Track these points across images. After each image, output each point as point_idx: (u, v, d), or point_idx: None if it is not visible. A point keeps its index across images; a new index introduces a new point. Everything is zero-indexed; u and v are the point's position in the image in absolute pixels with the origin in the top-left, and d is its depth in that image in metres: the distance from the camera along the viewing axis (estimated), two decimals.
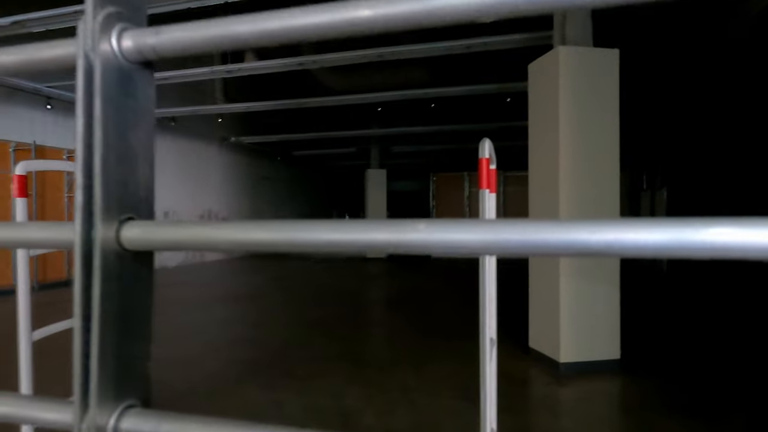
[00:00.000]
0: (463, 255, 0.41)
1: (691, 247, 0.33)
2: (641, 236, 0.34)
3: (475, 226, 0.38)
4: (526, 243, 0.37)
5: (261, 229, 0.44)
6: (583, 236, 0.35)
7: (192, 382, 3.58)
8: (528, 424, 2.95)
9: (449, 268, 11.53)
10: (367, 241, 0.41)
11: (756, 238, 0.32)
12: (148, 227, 0.46)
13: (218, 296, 7.56)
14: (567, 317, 3.83)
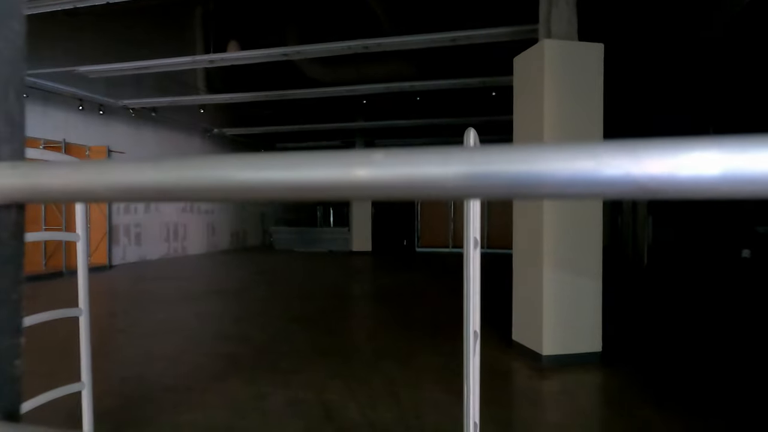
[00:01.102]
0: (434, 198, 0.30)
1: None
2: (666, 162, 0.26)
3: (450, 155, 0.29)
4: (518, 177, 0.28)
5: (159, 170, 0.33)
6: (590, 165, 0.27)
7: (174, 378, 3.52)
8: (510, 416, 2.96)
9: (435, 261, 11.56)
10: (297, 182, 0.31)
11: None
12: (15, 172, 0.35)
13: (201, 290, 7.46)
14: (549, 310, 3.85)
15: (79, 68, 7.65)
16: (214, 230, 14.00)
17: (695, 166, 0.26)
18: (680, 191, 0.27)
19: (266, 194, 0.32)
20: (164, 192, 0.33)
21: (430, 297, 6.91)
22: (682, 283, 8.33)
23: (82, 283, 2.02)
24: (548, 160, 0.27)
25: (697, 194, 0.26)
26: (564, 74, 3.87)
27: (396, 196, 0.31)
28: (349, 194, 0.31)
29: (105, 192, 0.34)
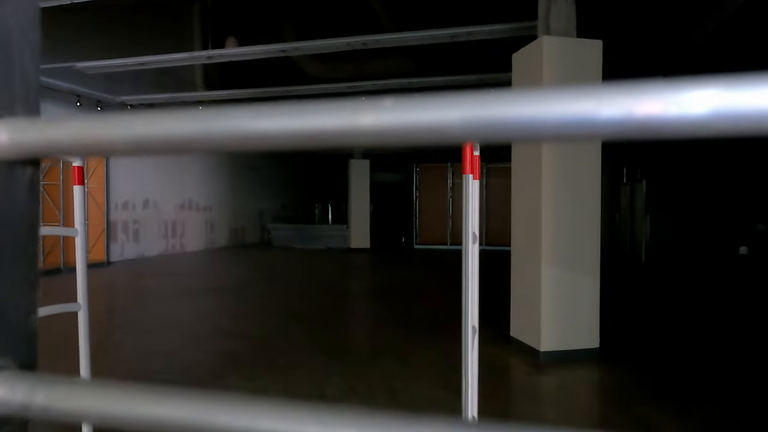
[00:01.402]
0: (439, 142, 0.30)
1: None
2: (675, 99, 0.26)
3: (455, 100, 0.29)
4: (521, 119, 0.28)
5: (173, 120, 0.33)
6: (591, 106, 0.27)
7: (172, 373, 3.53)
8: (508, 411, 2.97)
9: (433, 258, 11.58)
10: (307, 129, 0.31)
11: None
12: (30, 127, 0.35)
13: (199, 287, 7.46)
14: (548, 307, 3.86)
15: (77, 64, 7.63)
16: (213, 227, 13.99)
17: (693, 104, 0.26)
18: (678, 130, 0.27)
19: (279, 143, 0.33)
20: (178, 143, 0.34)
21: (428, 294, 6.92)
22: (679, 280, 8.35)
23: (80, 278, 2.02)
24: (550, 102, 0.28)
25: (694, 132, 0.26)
26: (563, 71, 3.87)
27: (402, 142, 0.31)
28: (362, 140, 0.32)
29: (121, 145, 0.34)
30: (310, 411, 0.32)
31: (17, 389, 0.34)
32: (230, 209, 14.82)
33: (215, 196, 14.10)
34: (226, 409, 0.32)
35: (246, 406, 0.32)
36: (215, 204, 14.09)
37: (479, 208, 1.62)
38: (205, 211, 13.65)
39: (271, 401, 0.33)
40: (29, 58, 0.38)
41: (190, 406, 0.32)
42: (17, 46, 0.37)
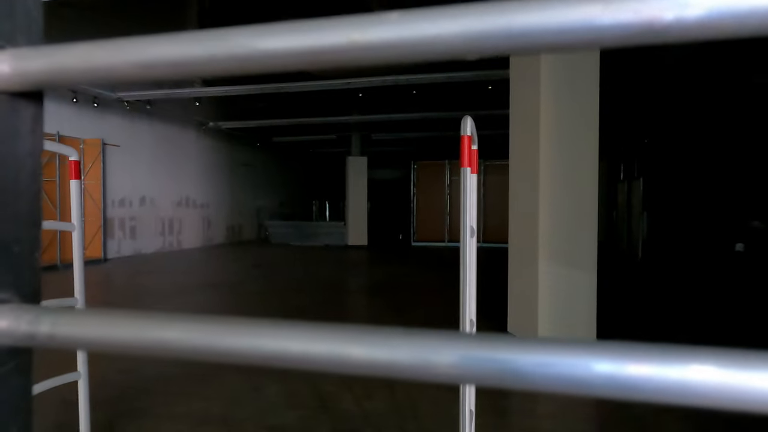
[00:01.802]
0: (441, 56, 0.30)
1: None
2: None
3: (457, 13, 0.29)
4: (525, 28, 0.27)
5: (182, 43, 0.33)
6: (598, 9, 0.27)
7: (169, 369, 3.53)
8: (505, 406, 2.98)
9: (430, 255, 11.59)
10: (320, 46, 0.31)
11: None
12: (32, 55, 0.34)
13: (196, 283, 7.46)
14: (544, 302, 3.88)
15: None
16: (210, 224, 13.97)
17: (690, 6, 0.26)
18: (679, 33, 0.27)
19: (283, 62, 0.33)
20: (183, 65, 0.33)
21: (425, 290, 6.93)
22: (675, 277, 8.39)
23: (77, 273, 2.01)
24: (554, 9, 0.27)
25: (694, 36, 0.27)
26: (561, 70, 3.87)
27: (406, 57, 0.30)
28: (371, 56, 0.31)
29: (128, 68, 0.34)
30: (306, 330, 0.34)
31: (22, 320, 0.35)
32: (227, 206, 14.79)
33: (212, 193, 14.08)
34: (222, 331, 0.33)
35: (242, 327, 0.33)
36: (212, 201, 14.06)
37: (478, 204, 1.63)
38: (203, 208, 13.63)
39: (269, 322, 0.34)
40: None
41: (188, 329, 0.33)
42: None
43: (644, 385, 0.28)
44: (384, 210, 18.17)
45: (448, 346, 0.34)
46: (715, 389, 0.27)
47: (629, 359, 0.30)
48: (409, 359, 0.33)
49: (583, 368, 0.31)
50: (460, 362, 0.33)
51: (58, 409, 2.69)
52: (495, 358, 0.32)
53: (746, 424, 2.69)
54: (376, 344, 0.34)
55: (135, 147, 11.02)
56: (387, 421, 2.71)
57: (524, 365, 0.32)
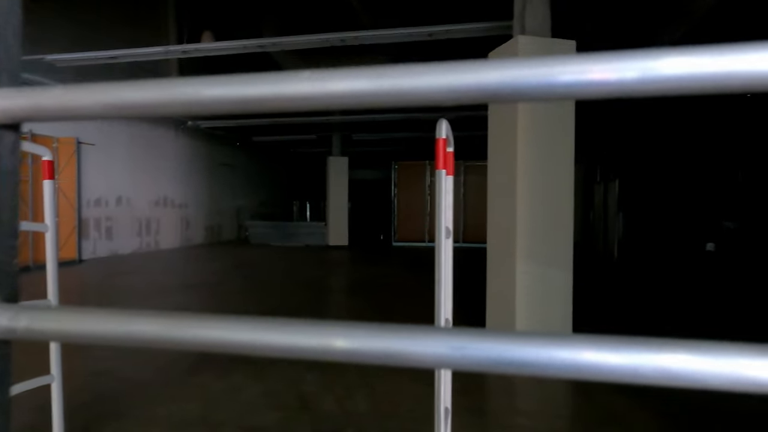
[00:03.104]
0: (347, 106, 0.37)
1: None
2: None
3: (363, 72, 0.35)
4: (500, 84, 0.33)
5: (144, 89, 0.39)
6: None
7: (145, 372, 3.48)
8: (483, 405, 3.03)
9: (411, 255, 11.64)
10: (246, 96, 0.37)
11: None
12: (11, 95, 0.40)
13: (174, 285, 7.36)
14: (522, 301, 3.94)
15: (47, 56, 7.43)
16: (189, 224, 13.79)
17: (628, 71, 0.33)
18: (615, 92, 0.34)
19: (225, 108, 0.38)
20: (144, 108, 0.39)
21: (406, 290, 6.96)
22: (649, 276, 8.58)
23: (51, 275, 1.98)
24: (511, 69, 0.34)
25: (628, 93, 0.34)
26: None
27: (324, 106, 0.37)
28: (289, 106, 0.39)
29: (94, 109, 0.39)
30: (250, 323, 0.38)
31: (3, 317, 0.39)
32: (206, 206, 14.62)
33: (191, 192, 13.90)
34: (185, 325, 0.37)
35: (202, 322, 0.37)
36: (191, 201, 13.88)
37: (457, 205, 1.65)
38: (181, 208, 13.44)
39: (220, 317, 0.38)
40: (11, 32, 0.42)
41: (155, 324, 0.37)
42: (1, 21, 0.41)
43: (603, 367, 0.36)
44: (365, 210, 18.17)
45: (422, 337, 0.37)
46: (681, 373, 0.34)
47: (589, 348, 0.37)
48: (386, 349, 0.36)
49: (544, 355, 0.36)
50: (433, 352, 0.36)
51: (32, 414, 2.64)
52: (464, 346, 0.36)
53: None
54: (357, 337, 0.37)
55: (111, 146, 10.81)
56: (368, 420, 2.72)
57: (493, 353, 0.36)
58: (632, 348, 0.37)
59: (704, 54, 0.31)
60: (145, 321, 0.38)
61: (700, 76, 0.31)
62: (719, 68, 0.31)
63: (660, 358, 0.36)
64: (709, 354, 0.34)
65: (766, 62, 0.30)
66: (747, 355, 0.32)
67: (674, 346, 0.35)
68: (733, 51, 0.31)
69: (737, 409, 2.90)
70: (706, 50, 0.31)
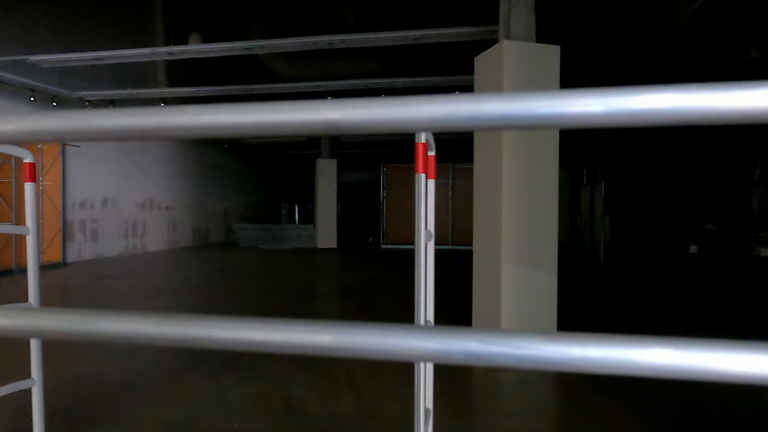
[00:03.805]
0: (342, 132, 0.42)
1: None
2: None
3: (360, 103, 0.41)
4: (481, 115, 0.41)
5: (131, 115, 0.44)
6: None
7: (131, 375, 3.46)
8: (467, 407, 3.05)
9: (399, 258, 11.66)
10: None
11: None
12: (6, 119, 0.45)
13: (159, 288, 7.30)
14: (507, 303, 3.98)
15: (31, 57, 7.35)
16: (176, 227, 13.68)
17: (592, 106, 0.42)
18: (581, 123, 0.42)
19: (208, 132, 0.44)
20: (126, 132, 0.44)
21: (392, 292, 6.98)
22: (634, 277, 8.69)
23: (32, 278, 1.97)
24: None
25: (593, 124, 0.42)
26: (522, 74, 3.99)
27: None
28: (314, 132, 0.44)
29: (84, 133, 0.44)
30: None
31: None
32: (194, 208, 14.53)
33: (178, 194, 13.80)
34: (147, 323, 0.42)
35: (170, 320, 0.40)
36: (178, 203, 13.78)
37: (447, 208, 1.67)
38: (168, 211, 13.34)
39: (193, 316, 0.43)
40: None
41: (119, 322, 0.42)
42: None
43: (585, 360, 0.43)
44: (354, 213, 18.16)
45: (403, 334, 0.42)
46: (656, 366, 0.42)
47: (559, 343, 0.44)
48: (372, 345, 0.41)
49: (521, 347, 0.42)
50: (413, 346, 0.41)
51: (13, 419, 2.61)
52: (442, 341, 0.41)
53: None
54: (342, 333, 0.42)
55: (97, 147, 10.70)
56: (354, 422, 2.73)
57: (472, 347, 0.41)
58: (602, 343, 0.44)
59: (661, 92, 0.38)
60: (115, 320, 0.41)
61: (657, 111, 0.38)
62: (671, 104, 0.38)
63: (633, 353, 0.43)
64: (683, 349, 0.41)
65: (709, 100, 0.37)
66: (715, 349, 0.39)
67: (648, 342, 0.43)
68: (679, 90, 0.38)
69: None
70: (662, 89, 0.38)
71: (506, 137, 3.94)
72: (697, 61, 7.39)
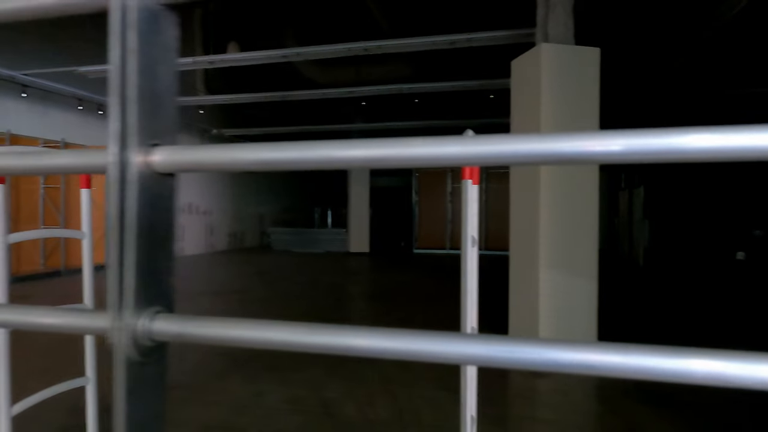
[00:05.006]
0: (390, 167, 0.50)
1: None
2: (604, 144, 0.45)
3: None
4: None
5: (275, 150, 0.51)
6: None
7: (175, 374, 3.56)
8: (506, 414, 3.01)
9: (432, 262, 11.61)
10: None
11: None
12: (174, 152, 0.52)
13: (199, 290, 7.49)
14: (545, 310, 3.91)
15: (79, 68, 7.69)
16: (213, 231, 14.02)
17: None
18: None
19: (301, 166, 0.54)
20: (258, 164, 0.52)
21: (428, 297, 6.95)
22: (676, 285, 8.39)
23: (87, 280, 2.06)
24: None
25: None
26: (560, 78, 3.93)
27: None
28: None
29: (229, 165, 0.53)
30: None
31: (173, 325, 0.52)
32: (230, 213, 14.85)
33: (215, 200, 14.13)
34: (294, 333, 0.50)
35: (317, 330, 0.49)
36: (215, 208, 14.12)
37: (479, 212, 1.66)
38: (205, 215, 13.68)
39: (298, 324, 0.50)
40: (171, 102, 0.55)
41: (279, 331, 0.50)
42: (166, 96, 0.54)
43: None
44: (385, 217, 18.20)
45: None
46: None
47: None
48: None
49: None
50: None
51: (63, 415, 2.72)
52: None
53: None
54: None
55: None
56: (390, 427, 2.74)
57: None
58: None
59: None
60: (269, 328, 0.50)
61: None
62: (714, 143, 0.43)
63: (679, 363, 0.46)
64: (733, 361, 0.42)
65: (698, 140, 0.43)
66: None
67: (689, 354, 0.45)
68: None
69: None
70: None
71: None
72: (739, 61, 7.11)
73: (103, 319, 0.53)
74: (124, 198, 0.51)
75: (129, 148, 0.51)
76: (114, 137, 0.51)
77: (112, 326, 0.51)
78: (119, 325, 0.51)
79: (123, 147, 0.51)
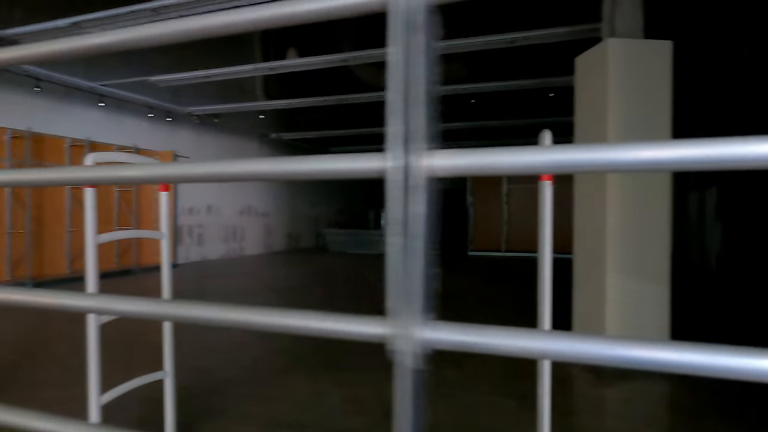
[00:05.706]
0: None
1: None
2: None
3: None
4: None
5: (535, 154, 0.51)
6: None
7: (236, 370, 3.69)
8: (572, 424, 2.91)
9: (487, 264, 11.42)
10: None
11: None
12: (449, 156, 0.52)
13: (260, 288, 7.74)
14: (613, 316, 3.74)
15: (150, 78, 8.14)
16: (271, 232, 14.44)
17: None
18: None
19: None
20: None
21: (486, 298, 6.84)
22: (753, 290, 7.82)
23: (165, 277, 2.17)
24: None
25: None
26: (629, 74, 3.76)
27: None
28: None
29: (503, 168, 0.53)
30: None
31: (448, 333, 0.53)
32: (287, 215, 15.25)
33: (273, 202, 14.56)
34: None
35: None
36: (273, 209, 14.54)
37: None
38: (264, 217, 14.12)
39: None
40: (432, 109, 0.56)
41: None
42: (430, 98, 0.56)
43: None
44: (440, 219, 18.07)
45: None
46: None
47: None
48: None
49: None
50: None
51: (139, 407, 2.88)
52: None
53: None
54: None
55: (202, 158, 11.60)
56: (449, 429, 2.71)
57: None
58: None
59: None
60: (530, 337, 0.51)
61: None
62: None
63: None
64: None
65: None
66: None
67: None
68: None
69: None
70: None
71: (611, 135, 3.72)
72: None
73: (384, 326, 0.54)
74: (407, 203, 0.51)
75: (411, 152, 0.51)
76: (397, 141, 0.51)
77: (394, 333, 0.52)
78: (404, 333, 0.52)
79: (406, 151, 0.51)
